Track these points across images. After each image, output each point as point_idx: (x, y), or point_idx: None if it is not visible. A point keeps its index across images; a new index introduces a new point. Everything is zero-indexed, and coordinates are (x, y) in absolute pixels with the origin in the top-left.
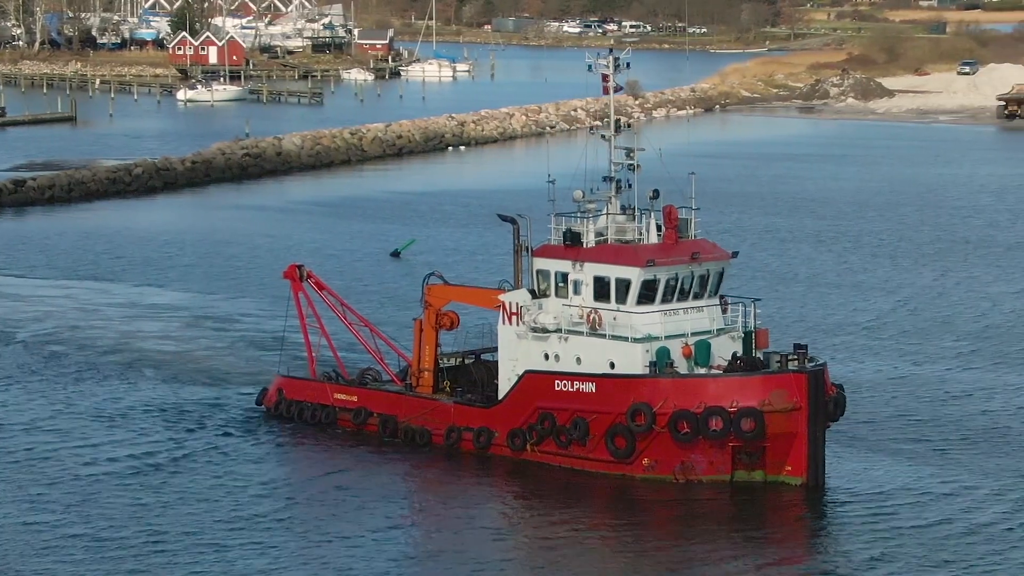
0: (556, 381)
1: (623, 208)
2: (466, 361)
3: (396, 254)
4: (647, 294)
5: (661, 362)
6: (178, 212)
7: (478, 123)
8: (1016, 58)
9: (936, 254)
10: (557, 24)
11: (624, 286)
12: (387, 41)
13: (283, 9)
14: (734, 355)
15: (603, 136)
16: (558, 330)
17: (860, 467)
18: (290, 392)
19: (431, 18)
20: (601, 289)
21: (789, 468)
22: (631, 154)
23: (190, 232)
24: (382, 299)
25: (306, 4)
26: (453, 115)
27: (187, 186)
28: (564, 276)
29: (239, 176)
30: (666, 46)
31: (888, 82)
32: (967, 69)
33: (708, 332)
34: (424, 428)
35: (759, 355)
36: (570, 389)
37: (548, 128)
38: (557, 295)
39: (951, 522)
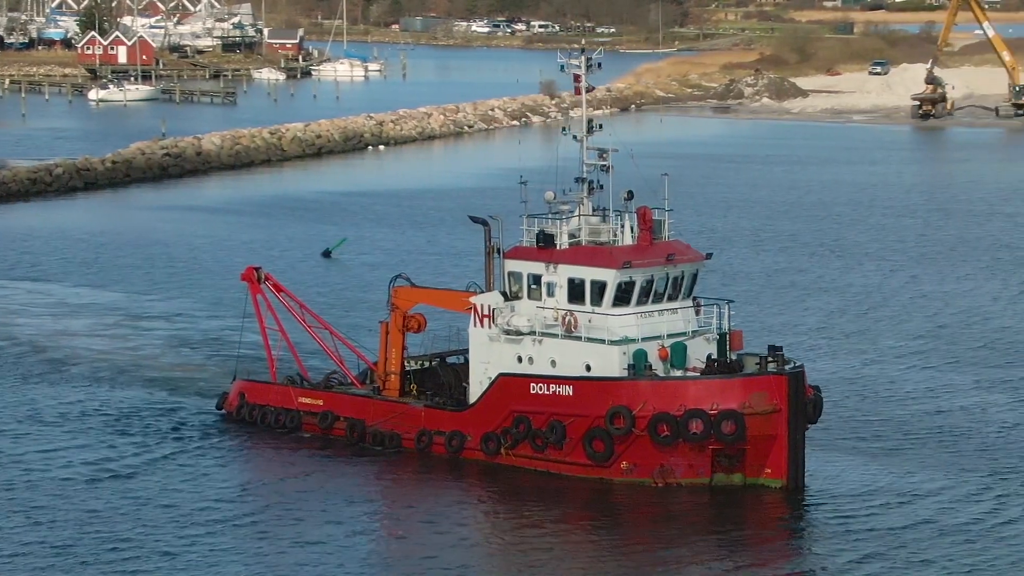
0: (532, 384)
1: (595, 209)
2: (432, 364)
3: (327, 254)
4: (622, 296)
5: (639, 364)
6: (105, 212)
7: (396, 123)
8: (926, 58)
9: (876, 254)
10: (465, 24)
11: (599, 288)
12: (297, 41)
13: (191, 8)
14: (708, 357)
15: (575, 137)
16: (532, 332)
17: (837, 468)
18: (252, 396)
19: (341, 17)
20: (575, 291)
21: (769, 471)
22: (604, 155)
23: (124, 233)
24: (322, 300)
25: (214, 4)
26: (371, 115)
27: (108, 186)
28: (536, 278)
29: (160, 176)
30: (575, 46)
31: (801, 82)
32: (879, 69)
33: (683, 334)
34: (394, 432)
35: (732, 356)
36: (546, 392)
37: (467, 127)
38: (530, 297)
39: (931, 521)
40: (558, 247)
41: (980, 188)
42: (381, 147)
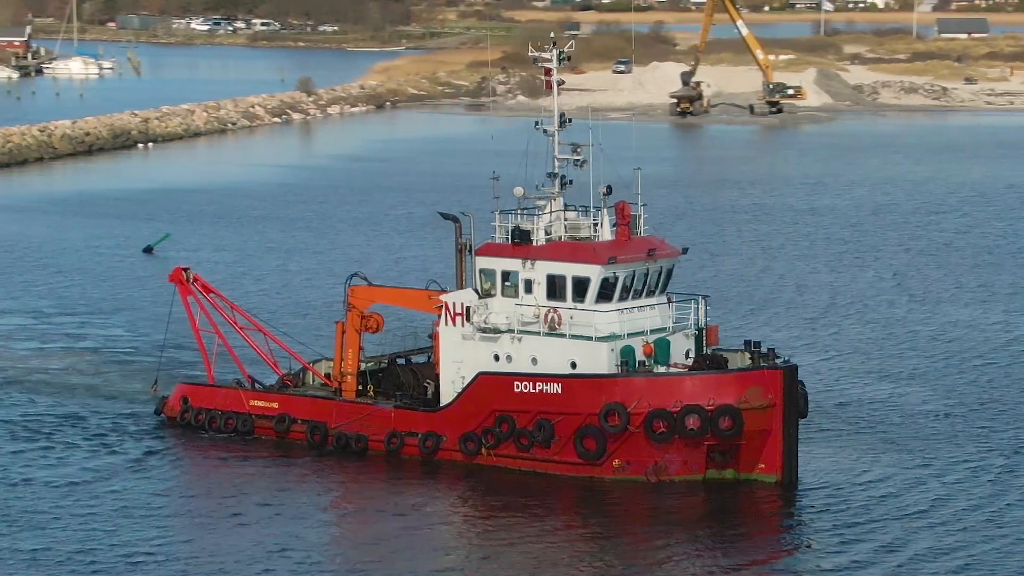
0: (515, 382)
1: (566, 205)
2: (391, 363)
3: (149, 250)
4: (605, 292)
5: (632, 361)
6: None
7: (161, 120)
8: (660, 57)
9: (724, 249)
10: (184, 21)
11: (581, 284)
12: (25, 39)
13: None
14: (688, 352)
15: (545, 131)
16: (511, 330)
17: (828, 462)
18: (197, 400)
19: (68, 18)
20: (555, 288)
21: (762, 466)
22: (578, 150)
23: None
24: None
25: None
26: (136, 112)
27: None
28: (509, 275)
29: None
30: (301, 44)
31: None
32: (623, 68)
33: (664, 330)
34: (360, 434)
35: (708, 351)
36: (532, 390)
37: (230, 124)
38: (503, 294)
39: (925, 513)
40: (534, 243)
41: (790, 183)
42: (150, 144)
